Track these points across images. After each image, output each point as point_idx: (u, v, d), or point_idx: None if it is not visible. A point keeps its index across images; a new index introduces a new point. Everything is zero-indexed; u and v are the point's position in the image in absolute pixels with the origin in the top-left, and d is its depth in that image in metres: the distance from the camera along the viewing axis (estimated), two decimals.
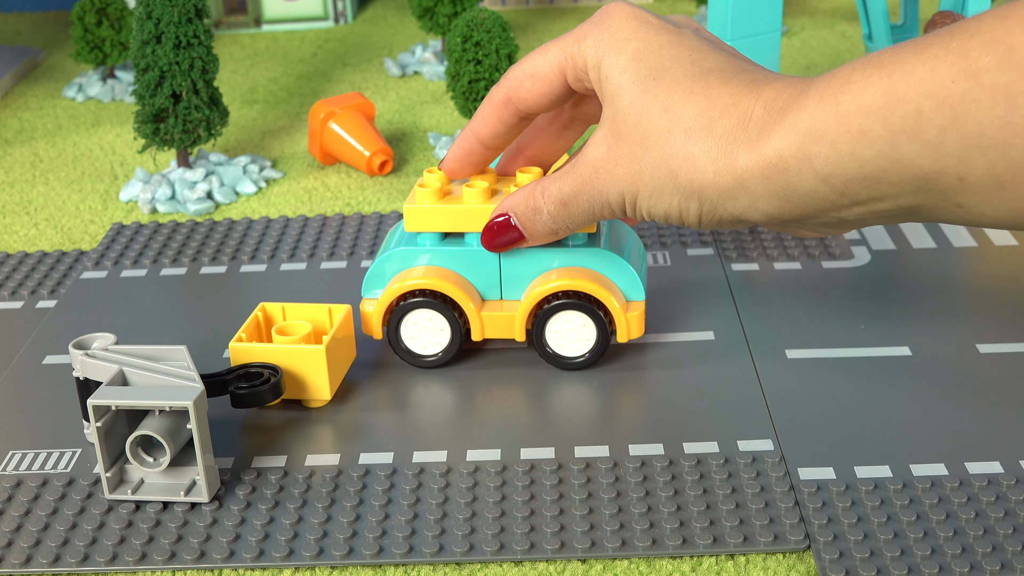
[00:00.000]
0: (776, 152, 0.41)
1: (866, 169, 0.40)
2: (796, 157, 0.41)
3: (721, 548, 0.42)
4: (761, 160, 0.42)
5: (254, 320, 0.52)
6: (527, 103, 0.49)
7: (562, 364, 0.53)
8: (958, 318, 0.56)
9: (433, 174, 0.54)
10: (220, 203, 0.74)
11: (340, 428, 0.50)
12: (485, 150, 0.52)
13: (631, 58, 0.45)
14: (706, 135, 0.43)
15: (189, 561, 0.43)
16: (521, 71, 0.49)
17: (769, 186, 0.42)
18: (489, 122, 0.51)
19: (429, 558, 0.43)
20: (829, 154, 0.40)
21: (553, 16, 1.15)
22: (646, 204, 0.46)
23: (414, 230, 0.53)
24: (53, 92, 0.98)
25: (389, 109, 0.90)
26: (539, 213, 0.49)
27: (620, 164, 0.45)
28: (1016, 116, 0.37)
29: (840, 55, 0.98)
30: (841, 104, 0.40)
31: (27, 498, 0.46)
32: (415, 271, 0.53)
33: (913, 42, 0.39)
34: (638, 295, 0.53)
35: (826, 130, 0.40)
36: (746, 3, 0.71)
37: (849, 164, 0.40)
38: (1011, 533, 0.42)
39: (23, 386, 0.55)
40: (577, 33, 0.47)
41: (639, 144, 0.45)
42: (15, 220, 0.73)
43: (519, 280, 0.53)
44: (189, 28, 0.70)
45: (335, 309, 0.53)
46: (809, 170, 0.41)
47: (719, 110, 0.43)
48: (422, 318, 0.53)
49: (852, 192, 0.41)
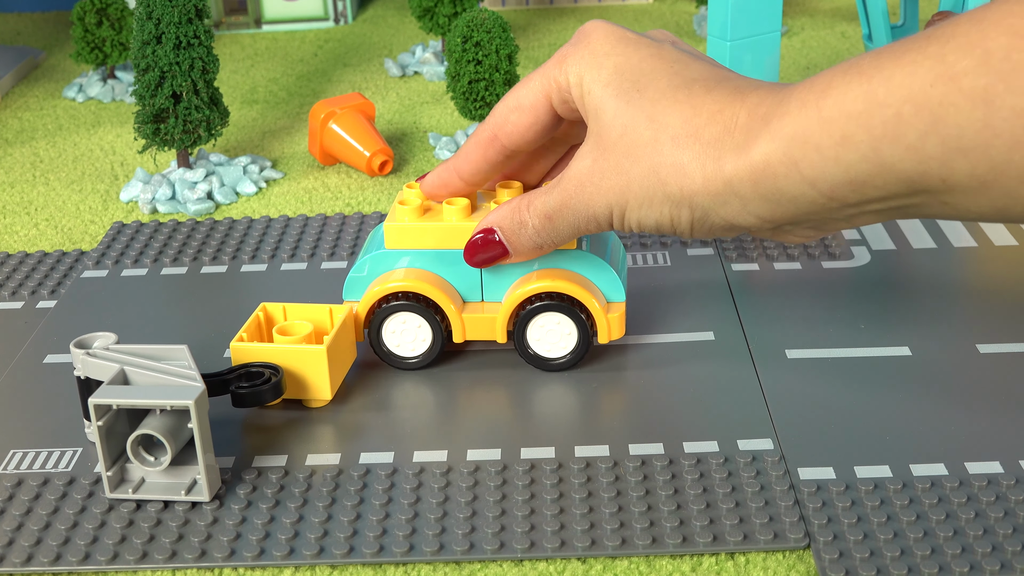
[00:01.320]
0: (763, 157, 0.41)
1: (851, 173, 0.40)
2: (783, 162, 0.41)
3: (721, 547, 0.42)
4: (749, 165, 0.42)
5: (255, 320, 0.52)
6: (513, 138, 0.49)
7: (544, 365, 0.53)
8: (958, 318, 0.56)
9: (412, 189, 0.54)
10: (220, 203, 0.74)
11: (341, 428, 0.50)
12: (465, 185, 0.52)
13: (612, 72, 0.45)
14: (693, 142, 0.43)
15: (190, 560, 0.43)
16: (505, 106, 0.49)
17: (758, 190, 0.42)
18: (472, 159, 0.51)
19: (429, 557, 0.43)
20: (814, 159, 0.40)
21: (553, 16, 1.15)
22: (636, 215, 0.46)
23: (395, 247, 0.53)
24: (53, 92, 0.98)
25: (389, 109, 0.90)
26: (524, 227, 0.49)
27: (607, 176, 0.45)
28: (995, 119, 0.37)
29: (840, 55, 0.98)
30: (823, 109, 0.40)
31: (28, 497, 0.46)
32: (396, 274, 0.53)
33: (891, 47, 0.40)
34: (619, 296, 0.53)
35: (810, 135, 0.40)
36: (746, 3, 0.71)
37: (834, 169, 0.40)
38: (1011, 533, 0.42)
39: (24, 386, 0.55)
40: (557, 57, 0.48)
41: (626, 156, 0.45)
42: (15, 220, 0.73)
43: (500, 282, 0.53)
44: (189, 28, 0.70)
45: (336, 309, 0.53)
46: (796, 174, 0.41)
47: (705, 117, 0.43)
48: (403, 321, 0.53)
49: (840, 196, 0.41)
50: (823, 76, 0.41)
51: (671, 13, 1.13)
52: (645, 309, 0.58)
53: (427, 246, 0.53)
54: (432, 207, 0.54)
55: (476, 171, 0.51)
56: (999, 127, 0.37)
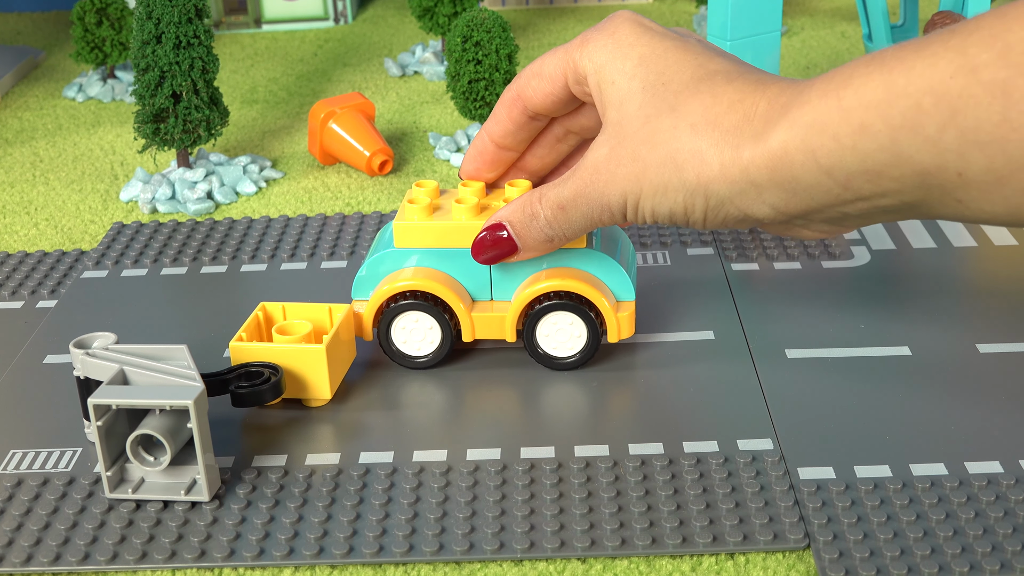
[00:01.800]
0: (781, 144, 0.42)
1: (868, 163, 0.40)
2: (800, 150, 0.41)
3: (721, 547, 0.42)
4: (766, 152, 0.42)
5: (255, 319, 0.52)
6: (533, 102, 0.50)
7: (553, 364, 0.53)
8: (958, 318, 0.56)
9: (422, 188, 0.54)
10: (220, 203, 0.74)
11: (340, 427, 0.50)
12: (498, 150, 0.53)
13: (638, 63, 0.46)
14: (712, 129, 0.43)
15: (190, 560, 0.43)
16: (530, 70, 0.50)
17: (774, 178, 0.42)
18: (500, 120, 0.51)
19: (429, 557, 0.43)
20: (832, 147, 0.40)
21: (553, 16, 1.15)
22: (650, 203, 0.46)
23: (404, 246, 0.53)
24: (53, 92, 0.98)
25: (389, 109, 0.90)
26: (536, 219, 0.49)
27: (623, 164, 0.46)
28: (1013, 112, 0.37)
29: (840, 55, 0.98)
30: (843, 99, 0.40)
31: (28, 497, 0.46)
32: (405, 272, 0.53)
33: (914, 41, 0.40)
34: (628, 295, 0.53)
35: (828, 123, 0.40)
36: (746, 3, 0.71)
37: (851, 157, 0.40)
38: (1011, 533, 0.42)
39: (23, 386, 0.55)
40: (582, 38, 0.48)
41: (644, 143, 0.45)
42: (15, 220, 0.73)
43: (509, 281, 0.53)
44: (189, 28, 0.70)
45: (335, 309, 0.53)
46: (812, 163, 0.41)
47: (725, 106, 0.44)
48: (412, 320, 0.53)
49: (855, 186, 0.41)
50: (845, 68, 0.41)
51: (671, 13, 1.13)
52: (645, 309, 0.58)
53: (436, 245, 0.53)
54: (441, 206, 0.54)
55: (505, 132, 0.52)
56: (1017, 121, 0.37)
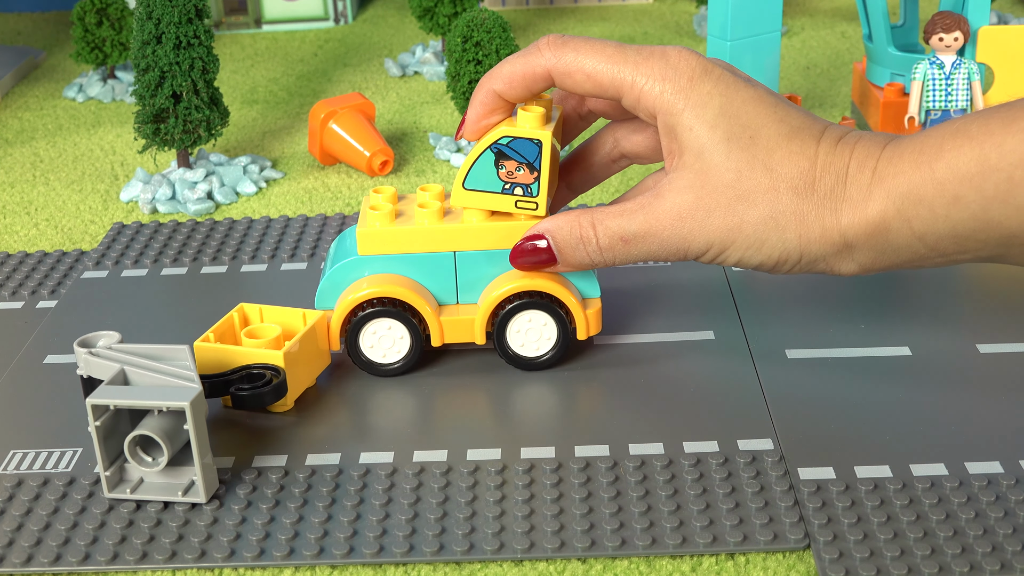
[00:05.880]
0: (879, 214, 0.45)
1: (958, 229, 0.44)
2: (896, 218, 0.45)
3: (721, 547, 0.42)
4: (864, 219, 0.45)
5: (229, 320, 0.52)
6: (570, 89, 0.49)
7: (525, 365, 0.53)
8: (958, 318, 0.56)
9: (380, 194, 0.53)
10: (220, 203, 0.74)
11: (341, 428, 0.50)
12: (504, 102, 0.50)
13: (718, 114, 0.47)
14: (811, 193, 0.46)
15: (190, 560, 0.43)
16: (580, 67, 0.48)
17: (869, 242, 0.46)
18: (515, 86, 0.49)
19: (429, 557, 0.43)
20: (926, 216, 0.44)
21: (553, 16, 1.15)
22: (739, 255, 0.47)
23: (369, 253, 0.52)
24: (53, 92, 0.98)
25: (389, 109, 0.90)
26: (586, 244, 0.49)
27: (714, 215, 0.47)
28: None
29: (840, 55, 0.98)
30: (937, 171, 0.44)
31: (28, 497, 0.46)
32: (369, 279, 0.52)
33: (998, 112, 0.43)
34: (594, 292, 0.53)
35: (924, 195, 0.44)
36: (746, 3, 0.71)
37: (943, 225, 0.44)
38: (1011, 533, 0.42)
39: (24, 386, 0.55)
40: (648, 67, 0.47)
41: (740, 199, 0.46)
42: (15, 220, 0.73)
43: (475, 284, 0.53)
44: (189, 28, 0.70)
45: (309, 314, 0.52)
46: (907, 229, 0.45)
47: (820, 169, 0.46)
48: (381, 327, 0.53)
49: (941, 248, 0.45)
50: (931, 136, 0.45)
51: (671, 13, 1.13)
52: (645, 308, 0.58)
53: (401, 250, 0.52)
54: (403, 211, 0.53)
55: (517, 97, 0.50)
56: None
